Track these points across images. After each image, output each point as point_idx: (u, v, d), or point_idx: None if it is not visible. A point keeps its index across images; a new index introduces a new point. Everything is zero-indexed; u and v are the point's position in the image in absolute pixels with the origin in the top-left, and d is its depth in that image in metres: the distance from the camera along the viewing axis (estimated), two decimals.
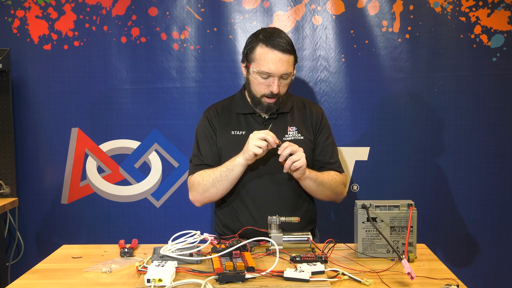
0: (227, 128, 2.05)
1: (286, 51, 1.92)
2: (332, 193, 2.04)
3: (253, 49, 1.96)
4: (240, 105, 2.08)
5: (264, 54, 1.92)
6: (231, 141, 2.02)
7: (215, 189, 1.97)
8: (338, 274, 1.53)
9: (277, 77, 1.93)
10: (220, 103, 2.16)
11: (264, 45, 1.93)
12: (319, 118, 2.11)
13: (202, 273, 1.53)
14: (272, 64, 1.91)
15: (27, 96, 2.73)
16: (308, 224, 2.09)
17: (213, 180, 1.95)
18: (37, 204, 2.78)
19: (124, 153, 2.76)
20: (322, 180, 1.98)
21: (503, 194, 2.66)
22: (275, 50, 1.91)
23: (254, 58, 1.96)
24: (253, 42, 1.97)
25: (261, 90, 1.97)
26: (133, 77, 2.71)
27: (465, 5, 2.59)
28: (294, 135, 2.04)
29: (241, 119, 2.06)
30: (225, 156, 2.01)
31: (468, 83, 2.63)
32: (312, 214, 2.14)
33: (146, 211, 2.77)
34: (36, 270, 1.68)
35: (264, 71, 1.92)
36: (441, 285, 1.47)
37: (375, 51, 2.64)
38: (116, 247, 1.87)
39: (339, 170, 2.10)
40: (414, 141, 2.67)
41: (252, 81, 1.99)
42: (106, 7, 2.67)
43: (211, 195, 2.00)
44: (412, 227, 1.71)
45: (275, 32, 1.96)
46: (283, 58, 1.91)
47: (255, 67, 1.95)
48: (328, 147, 2.10)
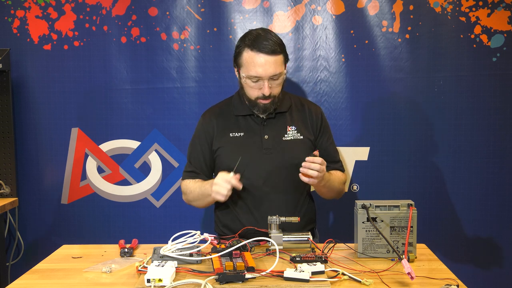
0: (226, 131, 2.06)
1: (272, 52, 1.90)
2: (336, 193, 2.09)
3: (240, 54, 1.96)
4: (238, 107, 2.08)
5: (250, 58, 1.92)
6: (231, 143, 2.03)
7: (197, 203, 2.08)
8: (338, 274, 1.54)
9: (266, 79, 1.92)
10: (217, 105, 2.17)
11: (249, 49, 1.92)
12: (319, 118, 2.11)
13: (202, 273, 1.53)
14: (259, 67, 1.91)
15: (27, 96, 2.73)
16: (307, 224, 2.10)
17: (193, 197, 2.06)
18: (37, 204, 2.78)
19: (124, 153, 2.76)
20: (333, 185, 2.01)
21: (503, 194, 2.66)
22: (260, 53, 1.90)
23: (242, 63, 1.96)
24: (239, 47, 1.97)
25: (253, 93, 1.97)
26: (133, 77, 2.71)
27: (465, 5, 2.59)
28: (294, 134, 2.04)
29: (239, 121, 2.06)
30: (225, 159, 2.02)
31: (468, 83, 2.63)
32: (312, 214, 2.14)
33: (146, 211, 2.77)
34: (36, 270, 1.68)
35: (253, 75, 1.92)
36: (441, 285, 1.47)
37: (375, 51, 2.64)
38: (116, 247, 1.87)
39: (342, 169, 2.13)
40: (414, 141, 2.67)
41: (244, 86, 1.99)
42: (106, 7, 2.67)
43: (196, 206, 2.12)
44: (412, 227, 1.71)
45: (260, 35, 1.94)
46: (269, 60, 1.90)
47: (243, 72, 1.96)
48: (331, 147, 2.12)
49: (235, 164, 1.89)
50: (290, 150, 2.00)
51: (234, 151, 1.98)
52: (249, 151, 1.99)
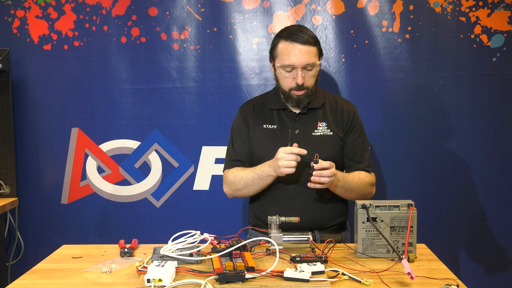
0: (260, 122, 2.11)
1: (306, 42, 1.97)
2: (359, 195, 2.03)
3: (276, 46, 2.04)
4: (273, 101, 2.13)
5: (285, 48, 1.99)
6: (263, 134, 2.08)
7: (246, 191, 2.06)
8: (338, 274, 1.53)
9: (300, 68, 1.97)
10: (256, 98, 2.24)
11: (284, 40, 2.00)
12: (351, 117, 2.11)
13: (202, 273, 1.53)
14: (293, 56, 1.97)
15: (27, 96, 2.73)
16: (336, 217, 2.09)
17: (245, 183, 2.03)
18: (37, 204, 2.78)
19: (124, 153, 2.76)
20: (350, 186, 1.99)
21: (503, 194, 2.66)
22: (295, 43, 1.97)
23: (277, 54, 2.03)
24: (275, 40, 2.05)
25: (288, 84, 2.02)
26: (133, 77, 2.71)
27: (465, 5, 2.59)
28: (324, 130, 2.06)
29: (273, 114, 2.11)
30: (257, 149, 2.07)
31: (468, 83, 2.63)
32: (340, 208, 2.12)
33: (146, 211, 2.76)
34: (36, 270, 1.68)
35: (286, 64, 1.98)
36: (441, 285, 1.47)
37: (375, 51, 2.64)
38: (116, 247, 1.87)
39: (368, 170, 2.10)
40: (414, 141, 2.67)
41: (279, 77, 2.05)
42: (106, 7, 2.67)
43: (242, 194, 2.10)
44: (412, 227, 1.71)
45: (296, 28, 2.03)
46: (303, 50, 1.97)
47: (278, 62, 2.02)
48: (358, 146, 2.10)
49: (268, 153, 1.95)
50: (318, 145, 2.01)
51: (266, 142, 2.03)
52: (280, 144, 1.99)
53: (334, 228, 2.08)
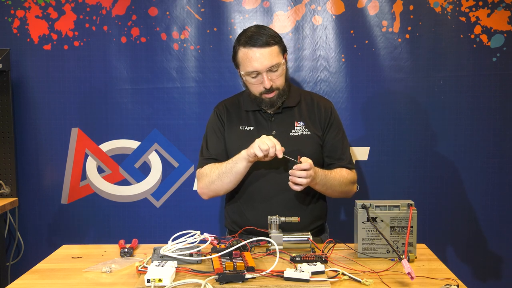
0: (236, 124, 2.08)
1: (266, 44, 1.92)
2: (340, 193, 2.04)
3: (236, 54, 2.00)
4: (246, 103, 2.10)
5: (245, 55, 1.95)
6: (240, 136, 2.04)
7: (220, 181, 1.98)
8: (338, 274, 1.53)
9: (264, 72, 1.94)
10: (229, 99, 2.19)
11: (243, 47, 1.96)
12: (328, 113, 2.09)
13: (202, 273, 1.53)
14: (255, 61, 1.93)
15: (27, 96, 2.73)
16: (315, 220, 2.07)
17: (218, 172, 1.98)
18: (37, 204, 2.78)
19: (124, 153, 2.76)
20: (332, 184, 1.98)
21: (503, 194, 2.66)
22: (253, 48, 1.92)
23: (239, 62, 2.00)
24: (235, 47, 2.01)
25: (257, 89, 1.99)
26: (133, 77, 2.71)
27: (465, 5, 2.59)
28: (302, 130, 2.04)
29: (249, 115, 2.08)
30: (233, 151, 2.02)
31: (468, 83, 2.63)
32: (319, 211, 2.10)
33: (146, 211, 2.77)
34: (36, 270, 1.68)
35: (250, 71, 1.95)
36: (441, 285, 1.47)
37: (375, 51, 2.64)
38: (116, 247, 1.87)
39: (349, 167, 2.08)
40: (414, 141, 2.67)
41: (247, 83, 2.02)
42: (106, 7, 2.67)
43: (217, 188, 2.01)
44: (412, 227, 1.71)
45: (253, 31, 1.97)
46: (264, 53, 1.92)
47: (242, 69, 1.99)
48: (338, 143, 2.08)
49: None
50: (297, 145, 1.99)
51: (243, 144, 1.95)
52: None
53: (313, 232, 2.00)
